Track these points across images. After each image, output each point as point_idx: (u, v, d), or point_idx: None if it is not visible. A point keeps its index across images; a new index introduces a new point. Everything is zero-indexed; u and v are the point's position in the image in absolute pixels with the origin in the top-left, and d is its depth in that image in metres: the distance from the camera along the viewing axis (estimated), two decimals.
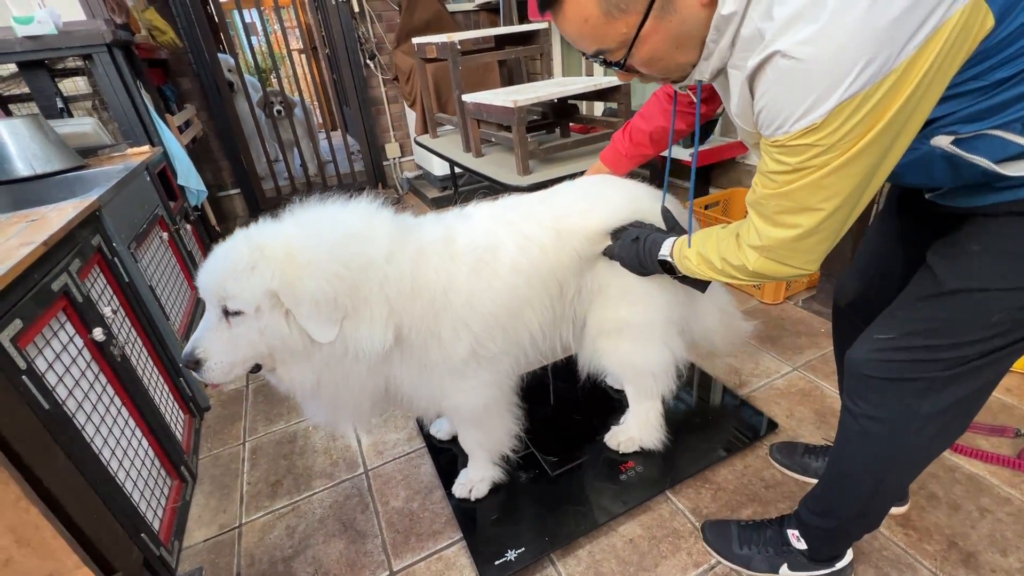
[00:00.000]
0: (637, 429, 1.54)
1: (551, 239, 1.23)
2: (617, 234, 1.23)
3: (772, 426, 1.61)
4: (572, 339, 1.40)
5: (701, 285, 1.19)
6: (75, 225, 1.37)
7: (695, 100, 0.92)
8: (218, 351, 1.02)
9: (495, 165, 2.19)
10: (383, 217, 1.14)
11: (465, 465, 1.50)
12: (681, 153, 2.48)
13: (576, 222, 1.24)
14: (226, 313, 1.01)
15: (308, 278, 0.97)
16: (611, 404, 1.71)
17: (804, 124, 0.65)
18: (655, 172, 2.73)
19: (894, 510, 1.31)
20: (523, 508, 1.43)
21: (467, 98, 2.23)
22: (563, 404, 1.80)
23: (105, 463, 1.24)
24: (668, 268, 1.11)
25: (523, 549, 1.30)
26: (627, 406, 1.57)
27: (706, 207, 2.48)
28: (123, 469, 1.32)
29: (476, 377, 1.24)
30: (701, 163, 2.53)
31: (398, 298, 1.07)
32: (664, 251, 1.11)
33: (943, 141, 0.71)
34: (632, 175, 1.43)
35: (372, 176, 4.45)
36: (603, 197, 1.28)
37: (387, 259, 1.07)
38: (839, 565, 1.16)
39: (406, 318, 1.09)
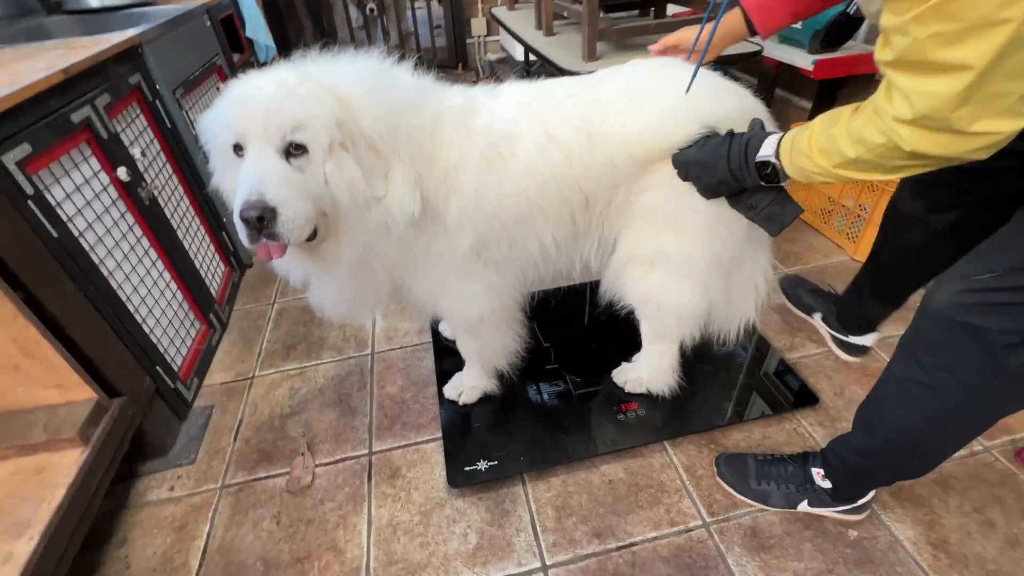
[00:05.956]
0: (647, 370, 1.39)
1: (580, 143, 1.02)
2: (686, 155, 1.00)
3: (812, 400, 1.38)
4: (594, 258, 1.22)
5: (776, 223, 0.96)
6: (105, 58, 1.33)
7: None
8: (292, 197, 0.81)
9: (560, 47, 1.88)
10: (401, 68, 1.02)
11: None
12: (800, 59, 1.99)
13: (614, 124, 1.01)
14: (287, 153, 0.83)
15: (359, 114, 0.86)
16: (635, 338, 1.55)
17: None
18: (764, 80, 2.25)
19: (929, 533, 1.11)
20: (510, 424, 1.38)
21: None
22: (580, 328, 1.67)
23: (125, 298, 1.31)
24: (767, 176, 0.90)
25: (496, 463, 1.27)
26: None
27: None
28: (145, 306, 1.40)
29: (480, 281, 1.14)
30: (828, 74, 2.02)
31: (420, 158, 0.95)
32: (767, 150, 0.88)
33: None
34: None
35: (453, 54, 4.15)
36: (655, 93, 1.02)
37: (412, 108, 0.95)
38: (860, 501, 1.10)
39: (427, 187, 0.98)
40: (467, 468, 1.26)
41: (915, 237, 1.22)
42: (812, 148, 0.79)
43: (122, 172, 1.35)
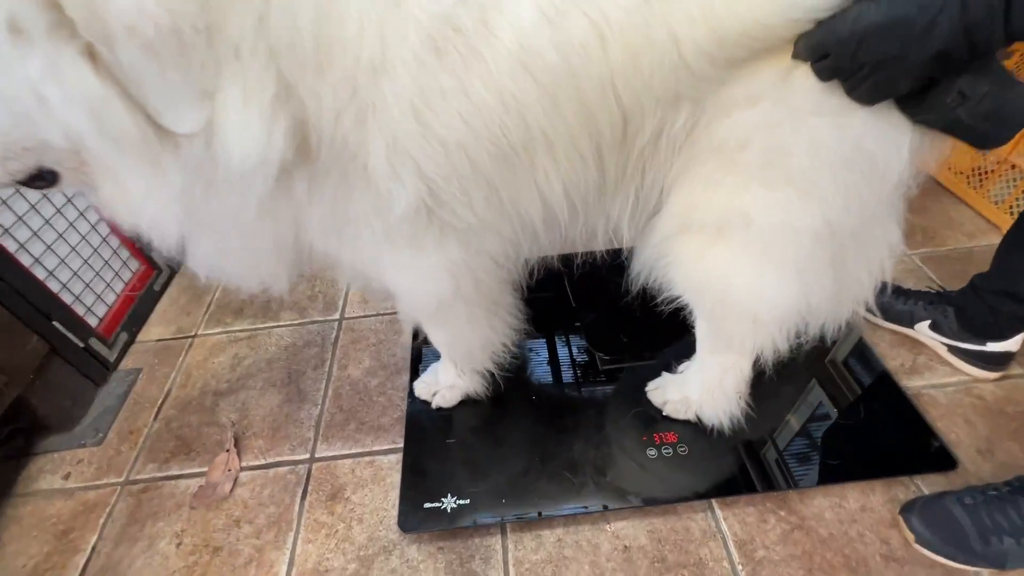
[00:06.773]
0: (700, 390, 0.97)
1: (627, 8, 0.54)
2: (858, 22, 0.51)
3: (944, 462, 0.93)
4: (627, 223, 0.78)
5: (1008, 121, 0.54)
6: None
7: None
8: None
9: None
10: None
11: None
12: None
13: None
14: None
15: None
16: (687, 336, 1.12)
17: None
18: None
19: None
20: (496, 444, 1.01)
21: None
22: (619, 306, 1.24)
23: (0, 232, 0.99)
24: None
25: (468, 500, 0.92)
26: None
27: None
28: (41, 243, 1.09)
29: (435, 253, 0.72)
30: None
31: (291, 60, 0.52)
32: None
33: None
34: None
35: None
36: None
37: None
38: None
39: (311, 108, 0.55)
40: (427, 505, 0.91)
41: None
42: None
43: None
